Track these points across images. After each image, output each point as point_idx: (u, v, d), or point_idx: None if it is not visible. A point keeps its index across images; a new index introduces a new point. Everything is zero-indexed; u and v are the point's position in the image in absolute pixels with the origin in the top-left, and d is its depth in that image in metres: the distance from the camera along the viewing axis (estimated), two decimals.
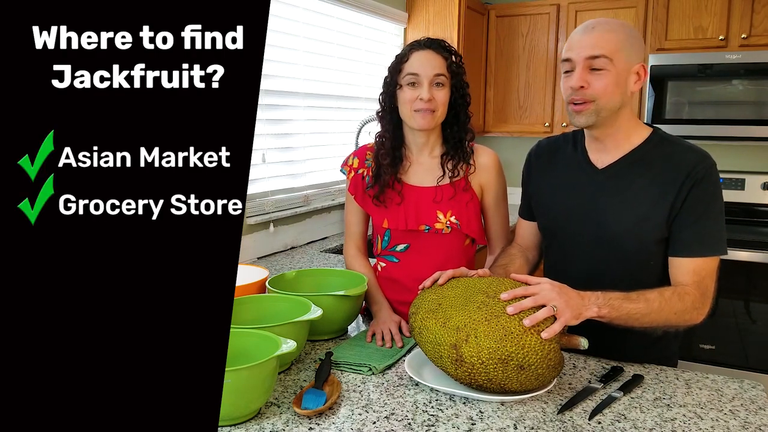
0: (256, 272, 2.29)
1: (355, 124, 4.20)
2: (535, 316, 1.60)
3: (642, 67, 1.90)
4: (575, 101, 1.88)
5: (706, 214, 1.87)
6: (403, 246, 2.30)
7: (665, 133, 1.99)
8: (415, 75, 2.15)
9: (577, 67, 1.86)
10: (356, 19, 4.27)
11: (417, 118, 2.17)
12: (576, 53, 1.86)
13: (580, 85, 1.85)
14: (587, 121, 1.89)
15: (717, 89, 4.33)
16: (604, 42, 1.83)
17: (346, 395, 1.68)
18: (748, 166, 4.80)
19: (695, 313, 1.84)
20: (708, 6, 4.35)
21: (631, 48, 1.87)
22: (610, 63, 1.83)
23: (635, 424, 1.53)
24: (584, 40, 1.86)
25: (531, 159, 2.23)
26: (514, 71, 5.15)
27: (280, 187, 3.62)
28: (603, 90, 1.85)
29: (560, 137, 2.18)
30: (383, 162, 2.26)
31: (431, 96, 2.14)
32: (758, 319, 4.07)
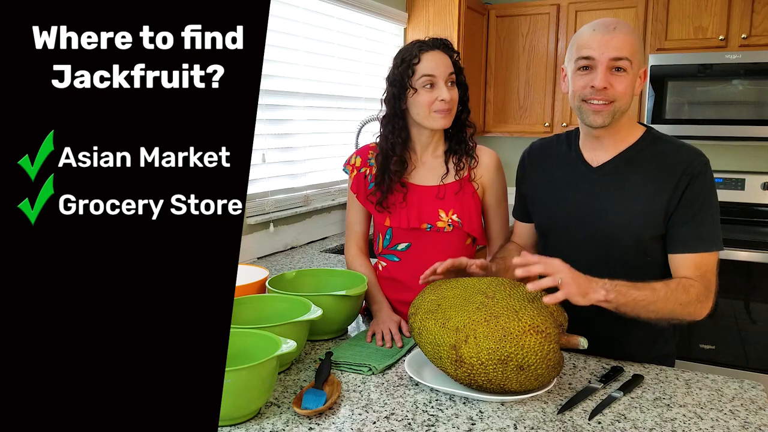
0: (256, 272, 2.29)
1: (355, 124, 4.20)
2: (539, 283, 1.62)
3: (644, 70, 1.93)
4: (595, 101, 1.89)
5: (703, 210, 1.89)
6: (405, 245, 2.30)
7: (658, 132, 2.01)
8: (432, 76, 2.14)
9: (600, 66, 1.86)
10: (356, 19, 4.27)
11: (437, 118, 2.16)
12: (600, 53, 1.86)
13: (604, 86, 1.86)
14: (605, 122, 1.90)
15: (717, 89, 4.33)
16: (628, 44, 1.84)
17: (346, 395, 1.68)
18: (747, 166, 4.80)
19: (699, 306, 1.84)
20: (708, 6, 4.35)
21: (642, 51, 1.91)
22: (630, 65, 1.85)
23: (635, 424, 1.53)
24: (607, 40, 1.85)
25: (525, 160, 2.24)
26: (514, 71, 5.14)
27: (281, 187, 3.62)
28: (624, 92, 1.86)
29: (553, 138, 2.20)
30: (394, 169, 2.25)
31: (451, 96, 2.14)
32: (758, 319, 4.07)
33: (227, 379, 1.43)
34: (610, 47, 1.84)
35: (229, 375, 1.44)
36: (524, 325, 1.58)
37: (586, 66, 1.90)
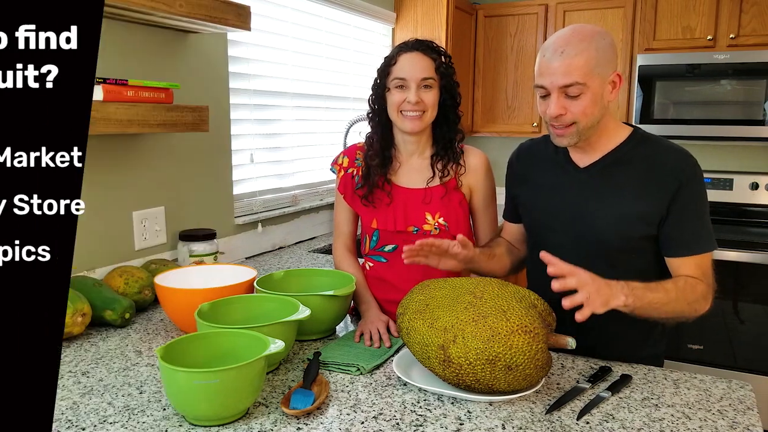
0: (245, 272, 2.29)
1: (344, 124, 4.20)
2: (573, 299, 1.62)
3: (617, 75, 1.89)
4: (556, 124, 1.90)
5: (698, 212, 1.91)
6: (392, 247, 2.30)
7: (645, 132, 2.01)
8: (402, 79, 2.15)
9: (552, 94, 1.87)
10: (344, 19, 4.27)
11: (405, 120, 2.17)
12: (549, 81, 1.86)
13: (559, 113, 1.86)
14: (570, 142, 1.92)
15: (705, 89, 4.34)
16: (575, 68, 1.81)
17: (335, 395, 1.68)
18: (736, 166, 4.82)
19: (704, 303, 1.88)
20: (696, 6, 4.36)
21: (604, 62, 1.85)
22: (584, 87, 1.83)
23: (623, 424, 1.53)
24: (555, 68, 1.84)
25: (513, 162, 2.24)
26: (503, 71, 5.15)
27: (269, 187, 3.61)
28: (582, 113, 1.86)
29: (540, 140, 2.20)
30: (372, 163, 2.27)
31: (418, 98, 2.14)
32: (746, 319, 4.08)
33: (215, 379, 1.43)
34: (557, 75, 1.84)
35: (217, 375, 1.44)
36: (512, 325, 1.57)
37: (543, 94, 1.91)
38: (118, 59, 2.48)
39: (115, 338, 2.10)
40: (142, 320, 2.30)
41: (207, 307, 1.87)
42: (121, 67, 2.49)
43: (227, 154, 3.17)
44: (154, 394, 1.67)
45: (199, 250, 2.77)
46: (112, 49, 2.44)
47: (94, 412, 1.57)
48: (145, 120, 2.23)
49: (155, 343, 2.06)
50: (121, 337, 2.12)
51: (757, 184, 4.63)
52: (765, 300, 4.03)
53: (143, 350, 2.00)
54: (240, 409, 1.53)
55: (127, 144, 2.59)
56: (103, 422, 1.52)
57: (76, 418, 1.53)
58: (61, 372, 1.81)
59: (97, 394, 1.67)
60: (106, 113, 2.08)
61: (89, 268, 2.47)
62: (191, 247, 2.76)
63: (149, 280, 2.39)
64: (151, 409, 1.59)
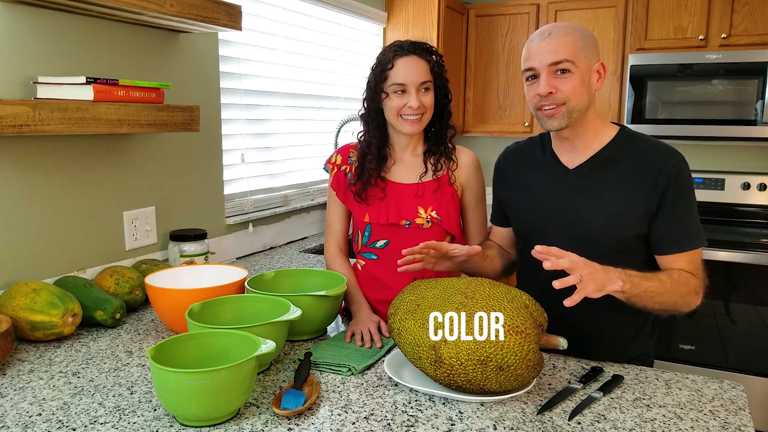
0: (235, 272, 2.28)
1: (335, 124, 4.20)
2: (565, 280, 1.63)
3: (601, 65, 1.95)
4: (546, 106, 1.92)
5: (687, 210, 1.93)
6: (383, 242, 2.30)
7: (632, 131, 2.04)
8: (402, 85, 2.16)
9: (541, 74, 1.91)
10: (335, 19, 4.27)
11: (405, 124, 2.19)
12: (538, 61, 1.91)
13: (549, 91, 1.89)
14: (560, 124, 1.93)
15: (697, 89, 4.35)
16: (564, 46, 1.88)
17: (326, 396, 1.67)
18: (727, 166, 4.83)
19: (696, 297, 1.90)
20: (688, 6, 4.37)
21: (589, 48, 1.91)
22: (573, 65, 1.88)
23: (615, 425, 1.53)
24: (543, 47, 1.90)
25: (500, 165, 2.26)
26: (494, 71, 5.15)
27: (259, 187, 3.61)
28: (572, 91, 1.89)
29: (527, 142, 2.22)
30: (370, 166, 2.27)
31: (419, 103, 2.15)
32: (738, 319, 4.09)
33: (206, 380, 1.43)
34: (546, 53, 1.89)
35: (208, 375, 1.43)
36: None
37: (532, 76, 1.95)
38: (109, 59, 2.48)
39: (105, 338, 2.10)
40: (132, 320, 2.29)
41: (198, 308, 1.87)
42: (112, 67, 2.48)
43: (218, 154, 3.17)
44: (144, 395, 1.67)
45: (190, 250, 2.76)
46: (102, 48, 2.43)
47: (84, 412, 1.56)
48: (135, 120, 2.22)
49: (146, 343, 2.06)
50: (111, 337, 2.11)
51: (749, 184, 4.64)
52: (756, 300, 4.04)
53: (134, 350, 1.99)
54: (231, 409, 1.52)
55: (117, 144, 2.58)
56: (93, 423, 1.51)
57: (67, 419, 1.53)
58: (51, 372, 1.81)
59: (87, 395, 1.67)
60: (97, 113, 2.08)
61: (80, 269, 2.46)
62: (182, 248, 2.75)
63: (140, 280, 2.38)
64: (142, 409, 1.58)
